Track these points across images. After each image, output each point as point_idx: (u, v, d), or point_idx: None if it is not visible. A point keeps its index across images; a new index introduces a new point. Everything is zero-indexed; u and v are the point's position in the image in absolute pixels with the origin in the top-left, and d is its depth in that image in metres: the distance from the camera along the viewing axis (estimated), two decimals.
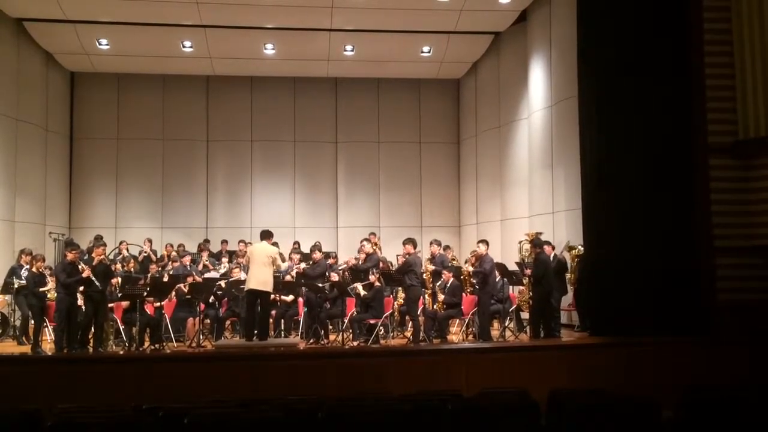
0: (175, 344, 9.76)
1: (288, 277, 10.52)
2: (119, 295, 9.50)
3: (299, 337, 10.18)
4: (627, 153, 8.10)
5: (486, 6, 12.73)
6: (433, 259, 10.35)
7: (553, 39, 12.17)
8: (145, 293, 9.34)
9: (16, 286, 10.15)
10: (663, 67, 8.18)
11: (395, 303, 10.42)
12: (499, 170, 14.36)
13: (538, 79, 12.75)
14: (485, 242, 9.89)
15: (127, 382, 6.74)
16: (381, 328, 9.71)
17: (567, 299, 10.63)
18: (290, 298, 10.40)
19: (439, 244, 10.48)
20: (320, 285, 9.89)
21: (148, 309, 9.56)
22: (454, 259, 12.23)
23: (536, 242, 9.74)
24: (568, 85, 10.91)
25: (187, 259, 11.44)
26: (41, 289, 9.39)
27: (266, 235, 9.62)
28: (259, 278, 9.16)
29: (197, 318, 9.81)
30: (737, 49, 8.07)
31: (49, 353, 8.66)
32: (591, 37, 8.54)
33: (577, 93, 8.89)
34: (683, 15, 8.25)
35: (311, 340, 9.63)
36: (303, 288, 10.18)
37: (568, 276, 10.43)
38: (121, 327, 9.50)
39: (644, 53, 8.19)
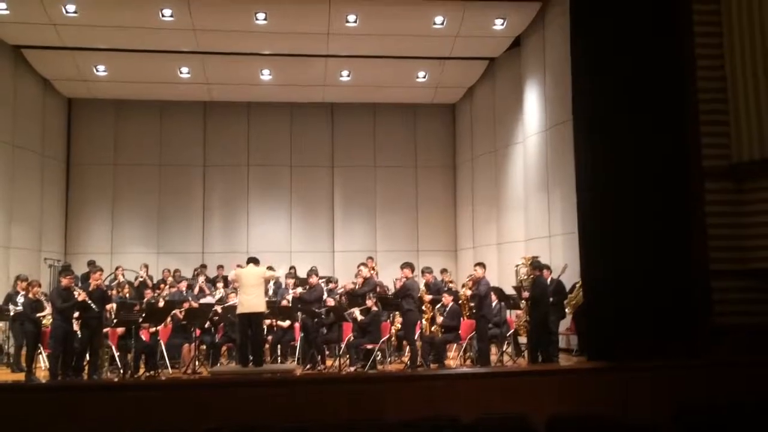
0: (170, 371, 9.68)
1: (284, 302, 10.48)
2: (114, 321, 9.45)
3: (296, 362, 10.11)
4: (622, 177, 8.12)
5: (480, 32, 12.89)
6: (428, 287, 10.29)
7: (547, 64, 12.30)
8: (141, 319, 9.29)
9: (11, 313, 10.08)
10: (657, 91, 8.25)
11: (392, 328, 10.37)
12: (496, 194, 14.41)
13: (532, 103, 12.86)
14: (482, 265, 9.87)
15: (122, 409, 6.66)
16: (378, 353, 9.66)
17: (565, 323, 10.60)
18: (287, 323, 10.35)
19: (431, 272, 10.43)
20: (317, 310, 9.86)
21: (144, 335, 9.50)
22: (451, 282, 12.21)
23: (535, 264, 9.75)
24: (562, 110, 11.01)
25: (183, 285, 11.40)
26: (38, 315, 9.33)
27: (253, 261, 9.61)
28: (251, 301, 9.13)
29: (193, 344, 9.75)
30: (730, 73, 8.15)
31: (44, 381, 8.59)
32: (584, 61, 8.62)
33: (572, 117, 8.95)
34: (676, 39, 8.34)
35: (308, 366, 9.58)
36: (299, 313, 10.14)
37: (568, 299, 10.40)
38: (116, 353, 9.42)
39: (638, 77, 8.26)
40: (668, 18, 8.37)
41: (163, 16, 11.91)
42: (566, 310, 10.43)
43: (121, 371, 9.17)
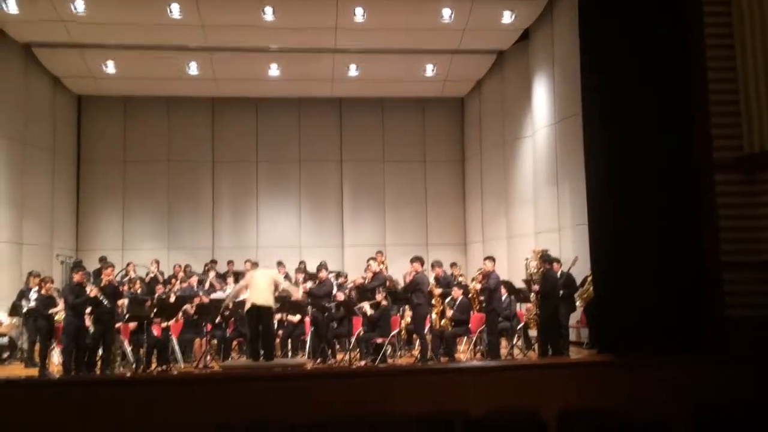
0: (182, 365, 9.75)
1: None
2: (126, 316, 9.52)
3: (306, 356, 10.15)
4: (631, 170, 8.09)
5: (489, 25, 12.84)
6: (438, 281, 10.29)
7: (555, 57, 12.25)
8: (152, 314, 9.35)
9: (24, 309, 10.17)
10: (666, 83, 8.20)
11: (402, 322, 10.39)
12: (505, 187, 14.38)
13: (541, 96, 12.81)
14: (492, 259, 9.87)
15: (134, 404, 6.71)
16: (388, 347, 9.68)
17: (575, 316, 10.57)
18: (297, 317, 10.39)
19: (441, 265, 10.44)
20: (327, 305, 9.88)
21: (155, 330, 9.56)
22: (460, 276, 12.21)
23: (545, 257, 9.72)
24: (571, 103, 10.96)
25: (194, 280, 11.45)
26: (51, 311, 9.41)
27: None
28: (261, 294, 9.23)
29: (204, 339, 9.81)
30: (740, 64, 8.08)
31: (57, 376, 8.66)
32: (593, 55, 8.58)
33: (581, 110, 8.92)
34: (685, 31, 8.28)
35: (318, 360, 9.61)
36: (309, 307, 10.17)
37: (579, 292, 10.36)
38: (129, 349, 9.49)
39: (647, 69, 8.20)
40: (678, 9, 8.31)
41: (170, 12, 11.93)
42: (577, 303, 10.41)
43: (134, 366, 9.25)
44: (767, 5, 7.82)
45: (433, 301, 9.82)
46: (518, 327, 10.21)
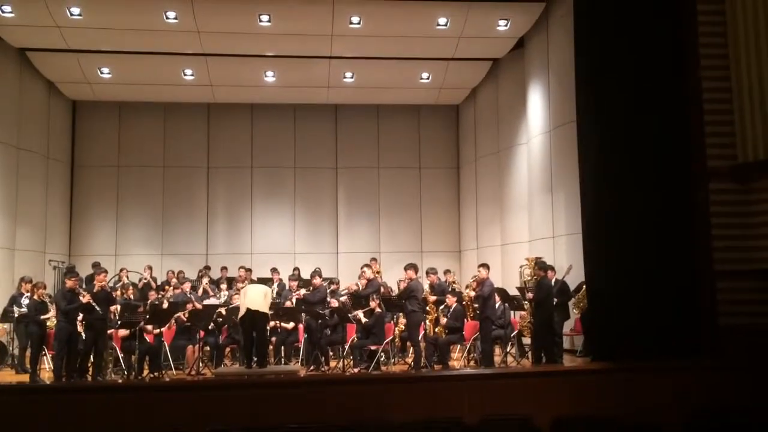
0: (174, 372, 9.69)
1: (288, 303, 10.49)
2: (118, 322, 9.46)
3: (300, 363, 10.11)
4: (626, 178, 8.11)
5: (484, 33, 12.87)
6: (433, 288, 10.28)
7: (551, 65, 12.28)
8: (145, 321, 9.29)
9: (16, 314, 10.10)
10: (661, 92, 8.24)
11: (396, 329, 10.37)
12: (499, 195, 14.38)
13: (536, 104, 12.84)
14: (486, 266, 9.86)
15: (126, 411, 6.67)
16: (382, 354, 9.65)
17: (569, 324, 10.56)
18: (291, 325, 10.36)
19: (435, 273, 10.44)
20: (320, 311, 9.85)
21: (148, 337, 9.51)
22: (454, 283, 12.19)
23: (540, 265, 9.71)
24: (566, 111, 10.98)
25: (186, 286, 11.41)
26: (42, 317, 9.35)
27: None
28: (255, 302, 9.25)
29: (197, 345, 9.76)
30: (734, 73, 8.13)
31: (48, 382, 8.60)
32: (589, 63, 8.61)
33: (576, 118, 8.94)
34: (680, 40, 8.33)
35: (312, 367, 9.57)
36: (303, 314, 10.14)
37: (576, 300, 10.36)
38: (121, 355, 9.43)
39: (642, 78, 8.25)
40: (672, 18, 8.36)
41: (167, 18, 11.91)
42: (574, 311, 10.40)
43: (125, 373, 9.19)
44: (761, 18, 7.88)
45: (427, 309, 9.80)
46: (512, 335, 10.19)
